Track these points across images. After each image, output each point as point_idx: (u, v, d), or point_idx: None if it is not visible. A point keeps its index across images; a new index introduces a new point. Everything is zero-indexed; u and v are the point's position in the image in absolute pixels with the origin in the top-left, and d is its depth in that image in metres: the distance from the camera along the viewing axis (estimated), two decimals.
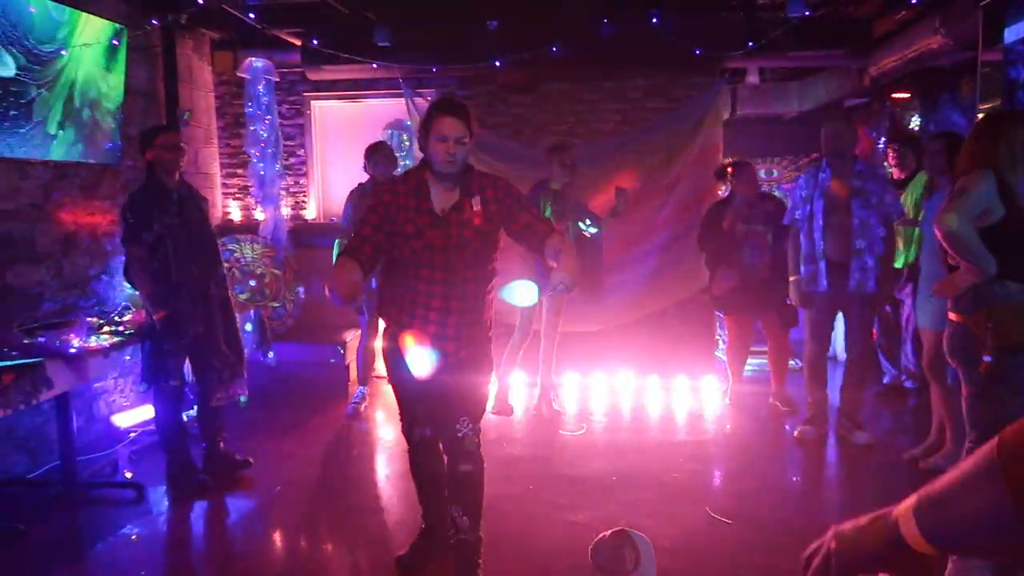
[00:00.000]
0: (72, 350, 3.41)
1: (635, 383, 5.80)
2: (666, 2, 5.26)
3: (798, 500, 3.84)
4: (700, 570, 2.99)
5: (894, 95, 8.07)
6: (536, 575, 2.97)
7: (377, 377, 5.46)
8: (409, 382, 2.75)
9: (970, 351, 2.70)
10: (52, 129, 4.22)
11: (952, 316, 2.80)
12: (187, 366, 4.00)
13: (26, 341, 3.44)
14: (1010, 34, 4.33)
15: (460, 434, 2.77)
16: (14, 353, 3.24)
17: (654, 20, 5.13)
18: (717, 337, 6.13)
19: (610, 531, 2.97)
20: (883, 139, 7.89)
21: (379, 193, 2.77)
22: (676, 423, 5.01)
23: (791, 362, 5.93)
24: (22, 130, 4.00)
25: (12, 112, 3.92)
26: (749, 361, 5.65)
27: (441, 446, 2.89)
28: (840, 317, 4.48)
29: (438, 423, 2.86)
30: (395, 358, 2.80)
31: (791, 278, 4.49)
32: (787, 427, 4.72)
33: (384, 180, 2.83)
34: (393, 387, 2.93)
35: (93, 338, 3.68)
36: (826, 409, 4.53)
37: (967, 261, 2.67)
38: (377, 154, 4.91)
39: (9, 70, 3.88)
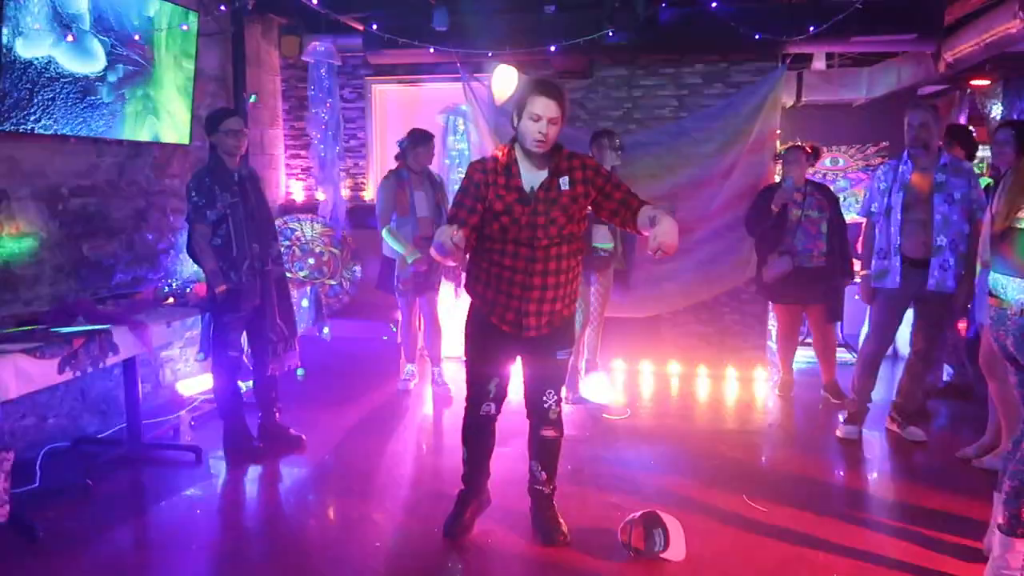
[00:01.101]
0: (137, 318, 3.62)
1: (684, 371, 5.78)
2: None
3: (837, 492, 3.78)
4: (729, 555, 3.00)
5: (973, 82, 7.74)
6: (570, 552, 3.02)
7: (423, 355, 5.57)
8: (488, 363, 2.98)
9: None
10: (128, 110, 4.46)
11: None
12: (244, 338, 4.19)
13: (96, 309, 3.66)
14: None
15: (546, 405, 3.03)
16: (84, 319, 3.46)
17: (713, 4, 5.05)
18: (769, 327, 6.04)
19: (640, 512, 3.02)
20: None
21: (470, 172, 2.90)
22: (722, 412, 4.99)
23: (847, 355, 5.81)
24: (102, 110, 4.24)
25: (91, 96, 4.16)
26: (803, 352, 5.56)
27: (527, 412, 3.10)
28: (909, 314, 4.34)
29: (528, 397, 3.08)
30: (477, 336, 3.00)
31: (862, 273, 4.38)
32: (836, 419, 4.64)
33: (476, 161, 2.96)
34: (469, 363, 3.07)
35: (158, 308, 3.89)
36: (867, 406, 4.42)
37: None
38: (422, 145, 4.98)
39: (99, 64, 4.14)
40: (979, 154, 6.39)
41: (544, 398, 3.03)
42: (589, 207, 2.91)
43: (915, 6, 5.14)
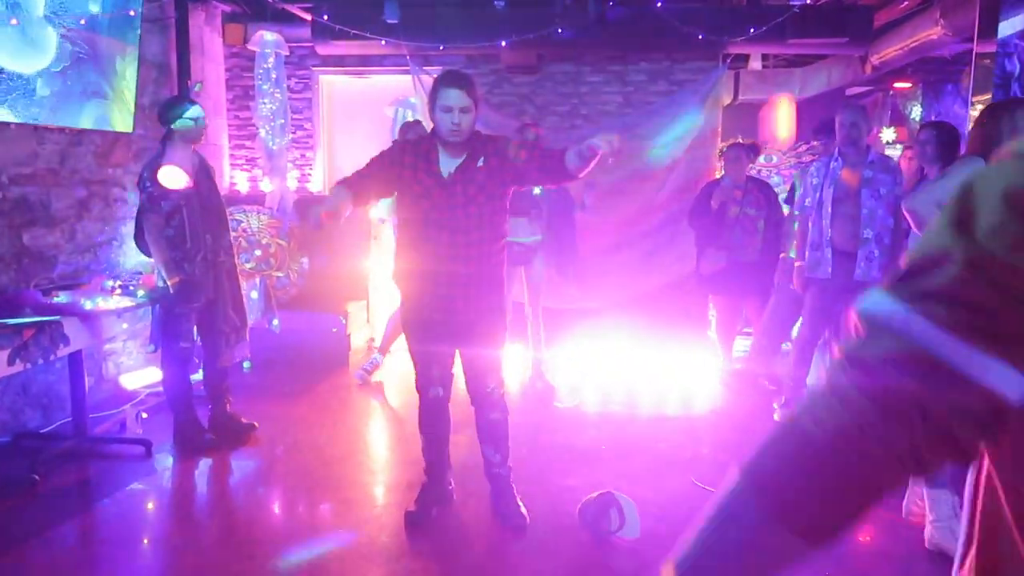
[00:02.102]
0: (87, 308, 3.55)
1: (629, 361, 5.95)
2: None
3: None
4: (683, 533, 3.14)
5: (896, 84, 8.17)
6: (527, 535, 3.12)
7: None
8: (427, 349, 3.04)
9: None
10: (71, 97, 4.33)
11: None
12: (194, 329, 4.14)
13: (43, 300, 3.57)
14: (1005, 27, 4.43)
15: (488, 390, 3.12)
16: (32, 311, 3.38)
17: (658, 3, 5.22)
18: (709, 318, 6.26)
19: (597, 493, 3.14)
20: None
21: (392, 147, 3.01)
22: (667, 399, 5.17)
23: (783, 345, 6.08)
24: (44, 96, 4.12)
25: (34, 83, 4.03)
26: (744, 342, 5.79)
27: (471, 400, 3.18)
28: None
29: (468, 385, 3.15)
30: (414, 324, 3.05)
31: (796, 264, 4.60)
32: (773, 405, 4.87)
33: (397, 142, 3.05)
34: (411, 350, 3.12)
35: (106, 299, 3.82)
36: (802, 391, 4.66)
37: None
38: (411, 132, 4.96)
39: (47, 58, 4.03)
40: (894, 153, 6.81)
41: (485, 383, 3.10)
42: (512, 181, 2.93)
43: (846, 12, 5.41)
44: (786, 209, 5.39)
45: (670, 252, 5.87)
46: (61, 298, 3.64)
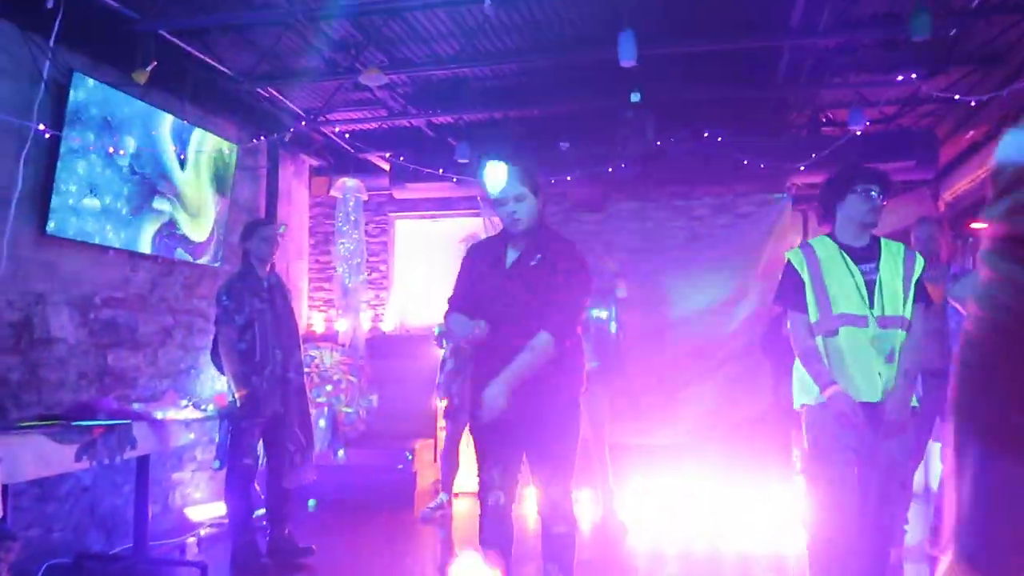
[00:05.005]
0: (158, 416, 3.60)
1: (710, 498, 5.55)
2: (732, 126, 5.56)
3: None
4: None
5: (973, 224, 7.98)
6: None
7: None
8: (488, 449, 2.87)
9: None
10: (167, 230, 4.68)
11: None
12: (260, 448, 4.13)
13: (117, 406, 3.66)
14: None
15: (554, 499, 2.83)
16: (105, 416, 3.45)
17: (719, 139, 5.39)
18: (793, 460, 5.87)
19: None
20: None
21: (462, 260, 3.00)
22: (752, 541, 4.74)
23: None
24: (143, 225, 4.47)
25: (136, 209, 4.40)
26: None
27: (537, 509, 2.93)
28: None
29: (540, 490, 2.90)
30: (475, 419, 2.88)
31: None
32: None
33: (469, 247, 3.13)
34: (475, 452, 2.96)
35: (177, 411, 3.88)
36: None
37: None
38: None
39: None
40: None
41: (552, 490, 2.84)
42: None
43: (911, 134, 5.47)
44: None
45: (748, 384, 5.63)
46: (135, 406, 3.72)
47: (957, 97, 4.66)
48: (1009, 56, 4.65)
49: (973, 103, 4.70)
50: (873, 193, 2.92)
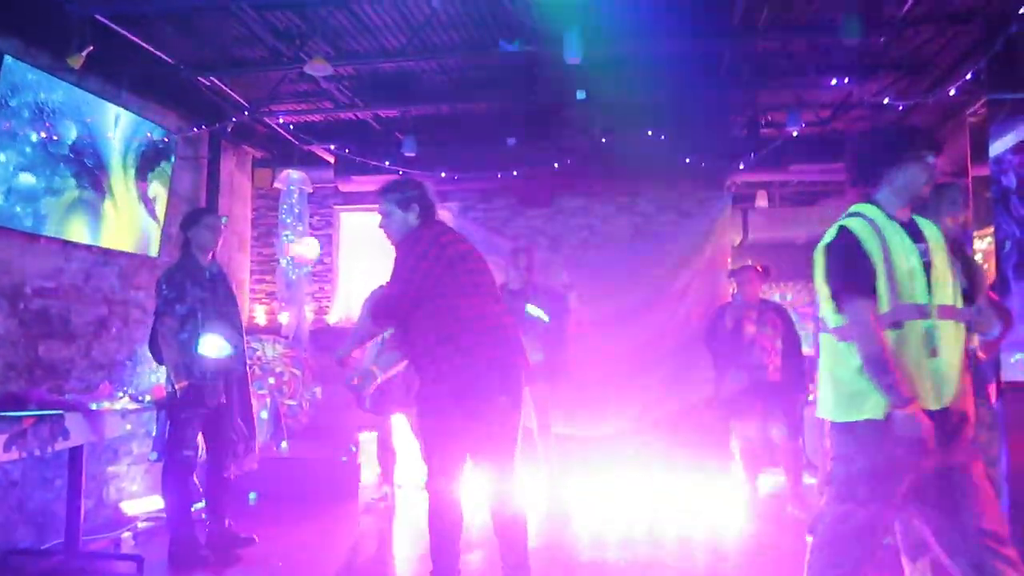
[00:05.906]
0: (92, 407, 3.52)
1: (649, 486, 5.67)
2: (673, 124, 5.67)
3: None
4: None
5: None
6: None
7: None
8: (443, 437, 3.04)
9: None
10: (104, 218, 4.57)
11: None
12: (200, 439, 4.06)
13: (49, 397, 3.56)
14: (997, 147, 4.59)
15: (502, 487, 3.04)
16: (36, 406, 3.36)
17: (663, 137, 5.50)
18: (732, 450, 6.02)
19: None
20: None
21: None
22: (692, 526, 4.86)
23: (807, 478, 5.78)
24: (78, 214, 4.35)
25: (71, 197, 4.28)
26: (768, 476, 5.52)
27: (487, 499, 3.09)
28: None
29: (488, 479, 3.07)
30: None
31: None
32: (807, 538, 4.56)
33: None
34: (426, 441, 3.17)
35: (113, 402, 3.80)
36: None
37: None
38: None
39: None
40: None
41: (498, 479, 3.04)
42: None
43: (844, 140, 5.66)
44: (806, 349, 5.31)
45: (688, 377, 5.78)
46: (67, 397, 3.62)
47: (886, 101, 4.86)
48: (935, 63, 4.87)
49: (901, 107, 4.91)
50: (931, 161, 2.38)
